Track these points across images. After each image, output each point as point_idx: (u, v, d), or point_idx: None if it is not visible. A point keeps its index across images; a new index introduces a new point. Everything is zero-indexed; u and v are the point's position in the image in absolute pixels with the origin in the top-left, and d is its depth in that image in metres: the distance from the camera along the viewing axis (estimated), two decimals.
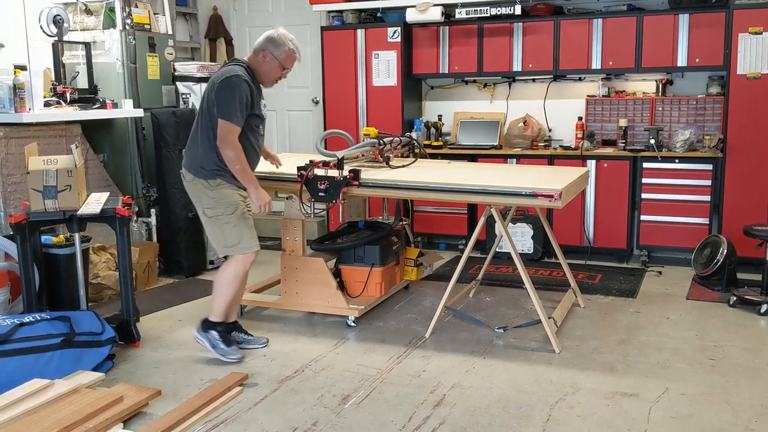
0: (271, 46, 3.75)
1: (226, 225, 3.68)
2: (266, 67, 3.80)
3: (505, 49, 5.87)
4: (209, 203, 3.68)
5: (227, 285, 3.74)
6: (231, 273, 3.73)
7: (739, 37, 5.11)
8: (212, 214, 3.69)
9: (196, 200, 3.74)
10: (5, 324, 3.38)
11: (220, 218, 3.67)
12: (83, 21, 5.47)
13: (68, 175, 3.84)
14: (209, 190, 3.67)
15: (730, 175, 5.24)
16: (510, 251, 3.95)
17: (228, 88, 3.55)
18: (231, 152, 3.57)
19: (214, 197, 3.67)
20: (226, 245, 3.71)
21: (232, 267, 3.73)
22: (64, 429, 2.79)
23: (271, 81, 3.91)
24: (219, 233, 3.70)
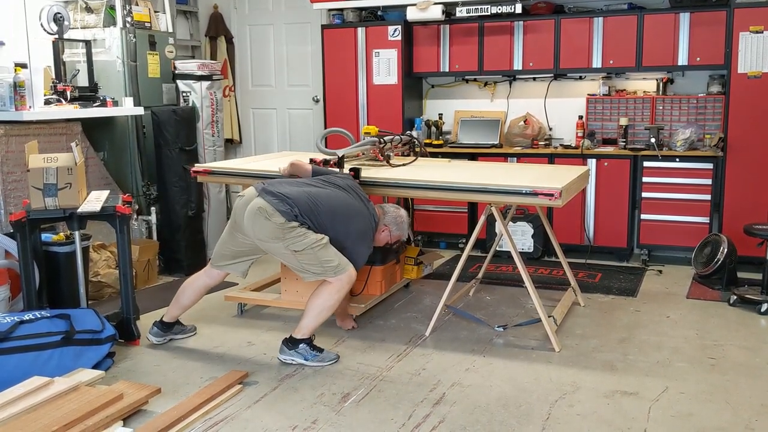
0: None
1: (318, 252, 3.62)
2: None
3: (505, 47, 5.86)
4: (298, 239, 3.63)
5: (328, 310, 3.70)
6: (333, 299, 3.67)
7: (739, 36, 5.10)
8: (305, 247, 3.63)
9: (285, 243, 3.64)
10: (5, 322, 3.38)
11: (312, 248, 3.62)
12: (84, 19, 5.47)
13: (68, 173, 3.83)
14: (296, 226, 3.64)
15: (731, 174, 5.24)
16: (510, 250, 3.96)
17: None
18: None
19: (299, 232, 3.64)
20: (325, 270, 3.64)
21: (335, 291, 3.66)
22: (64, 426, 2.79)
23: None
24: (315, 263, 3.64)
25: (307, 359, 3.65)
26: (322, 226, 3.63)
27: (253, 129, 7.26)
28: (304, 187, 3.72)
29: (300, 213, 3.58)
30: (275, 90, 7.12)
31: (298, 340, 3.67)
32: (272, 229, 3.57)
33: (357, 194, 3.82)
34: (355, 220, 3.73)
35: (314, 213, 3.61)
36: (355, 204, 3.77)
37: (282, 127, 7.14)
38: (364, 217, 3.78)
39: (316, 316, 3.65)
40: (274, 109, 7.14)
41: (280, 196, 3.60)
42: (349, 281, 3.65)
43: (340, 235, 3.66)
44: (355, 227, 3.71)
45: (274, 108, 7.15)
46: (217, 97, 5.74)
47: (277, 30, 6.99)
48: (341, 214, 3.68)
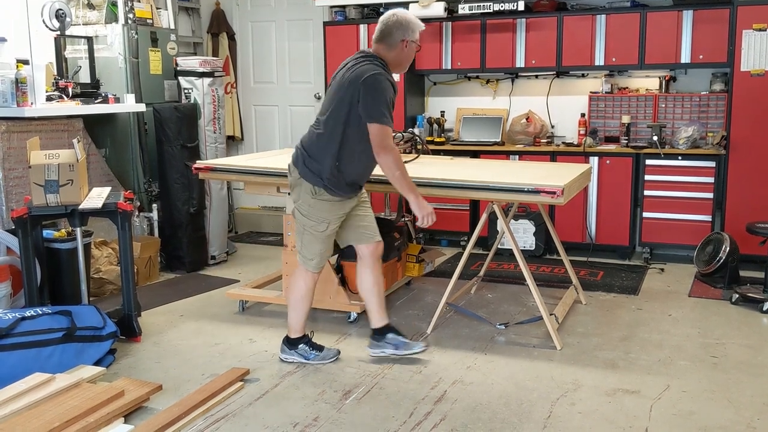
0: (408, 32, 3.44)
1: (308, 237, 3.52)
2: (407, 54, 3.50)
3: (508, 45, 5.85)
4: (305, 209, 3.48)
5: (301, 301, 3.61)
6: (302, 289, 3.60)
7: (743, 34, 5.09)
8: (302, 221, 3.51)
9: (296, 197, 3.52)
10: (7, 318, 3.38)
11: (306, 227, 3.50)
12: (85, 15, 5.46)
13: (70, 170, 3.83)
14: (310, 196, 3.44)
15: (733, 172, 5.23)
16: (512, 248, 3.95)
17: (375, 88, 3.28)
18: (390, 157, 3.31)
19: (312, 206, 3.45)
20: (301, 254, 3.57)
21: (302, 282, 3.60)
22: (65, 423, 2.79)
23: (405, 69, 3.62)
24: (299, 239, 3.56)
25: (308, 358, 3.63)
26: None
27: (255, 126, 7.25)
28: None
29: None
30: (277, 87, 7.12)
31: (295, 340, 3.66)
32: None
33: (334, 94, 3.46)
34: (357, 90, 3.31)
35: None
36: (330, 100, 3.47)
37: (284, 124, 7.13)
38: (357, 75, 3.33)
39: (294, 311, 3.63)
40: (276, 106, 7.13)
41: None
42: (312, 277, 3.59)
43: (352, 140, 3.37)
44: (361, 97, 3.29)
45: (275, 105, 7.14)
46: (219, 93, 5.74)
47: (279, 27, 6.99)
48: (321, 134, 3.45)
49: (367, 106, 3.27)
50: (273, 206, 7.00)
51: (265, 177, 4.30)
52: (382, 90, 3.29)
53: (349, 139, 3.36)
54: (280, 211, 5.54)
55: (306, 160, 3.44)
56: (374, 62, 3.38)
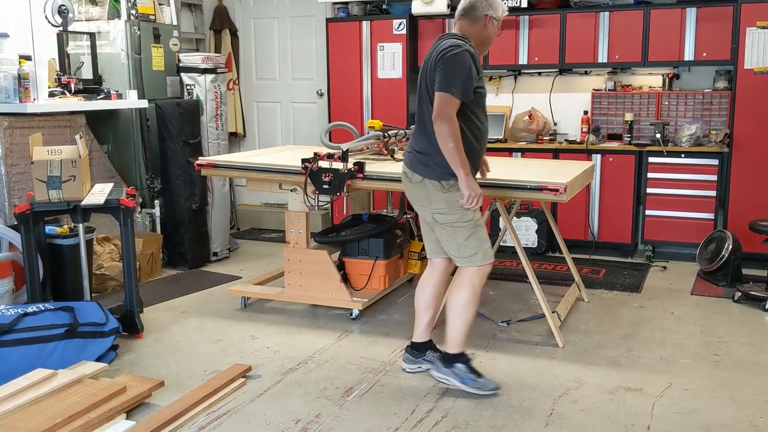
0: (492, 8, 3.23)
1: (461, 233, 3.19)
2: (489, 33, 3.27)
3: (510, 42, 5.84)
4: (441, 208, 3.19)
5: (466, 306, 3.23)
6: (468, 293, 3.22)
7: (746, 32, 5.08)
8: (445, 220, 3.20)
9: (426, 202, 3.23)
10: (9, 314, 3.38)
11: (454, 225, 3.19)
12: (88, 11, 5.46)
13: (72, 166, 3.83)
14: (442, 192, 3.17)
15: (736, 170, 5.21)
16: (514, 245, 3.95)
17: (449, 60, 3.06)
18: (446, 127, 3.03)
19: (447, 201, 3.17)
20: (461, 256, 3.23)
21: (467, 285, 3.23)
22: (67, 419, 2.79)
23: (488, 48, 3.40)
24: (453, 242, 3.21)
25: (464, 382, 3.23)
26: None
27: (257, 122, 7.25)
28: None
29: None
30: (279, 83, 7.11)
31: (454, 357, 3.27)
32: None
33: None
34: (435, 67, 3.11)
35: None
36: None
37: (286, 121, 7.13)
38: (436, 53, 3.13)
39: (456, 319, 3.25)
40: (278, 102, 7.13)
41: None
42: (479, 275, 3.24)
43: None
44: (436, 72, 3.10)
45: (278, 101, 7.14)
46: (222, 90, 5.73)
47: (282, 23, 6.98)
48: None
49: (441, 77, 3.07)
50: (275, 203, 7.00)
51: (268, 174, 4.30)
52: (459, 61, 3.05)
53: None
54: (282, 207, 5.53)
55: (421, 159, 3.20)
56: (455, 37, 3.18)
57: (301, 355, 3.70)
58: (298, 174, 4.10)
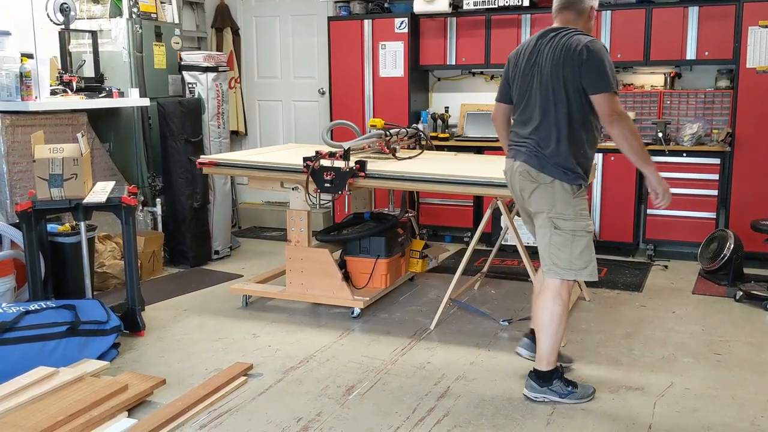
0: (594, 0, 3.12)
1: (580, 242, 3.03)
2: (592, 24, 3.16)
3: (512, 40, 5.82)
4: (568, 213, 3.01)
5: (560, 322, 3.08)
6: (561, 307, 3.07)
7: (748, 31, 5.07)
8: (569, 227, 3.02)
9: (545, 207, 3.05)
10: (11, 312, 3.38)
11: (576, 232, 3.02)
12: (90, 9, 5.46)
13: (74, 164, 3.84)
14: (571, 196, 3.00)
15: (738, 169, 5.21)
16: (516, 244, 3.95)
17: (596, 59, 2.90)
18: (624, 125, 2.88)
19: (575, 206, 3.02)
20: (571, 267, 3.04)
21: (558, 299, 3.07)
22: (69, 417, 2.79)
23: None
24: (568, 251, 3.03)
25: (562, 396, 3.11)
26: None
27: (259, 121, 7.25)
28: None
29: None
30: (281, 82, 7.11)
31: (549, 374, 3.12)
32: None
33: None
34: (574, 66, 2.93)
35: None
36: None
37: (288, 119, 7.13)
38: (568, 50, 2.95)
39: (549, 336, 3.10)
40: (280, 101, 7.13)
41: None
42: (569, 288, 3.12)
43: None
44: (583, 71, 2.92)
45: (279, 100, 7.14)
46: (223, 88, 5.73)
47: (284, 22, 6.98)
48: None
49: (595, 77, 2.90)
50: (276, 201, 7.00)
51: (269, 172, 4.30)
52: (604, 56, 2.93)
53: (572, 118, 2.99)
54: (284, 206, 5.53)
55: (552, 161, 3.00)
56: (576, 32, 3.00)
57: (303, 354, 3.70)
58: (300, 172, 4.10)
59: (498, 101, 3.35)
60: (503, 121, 3.36)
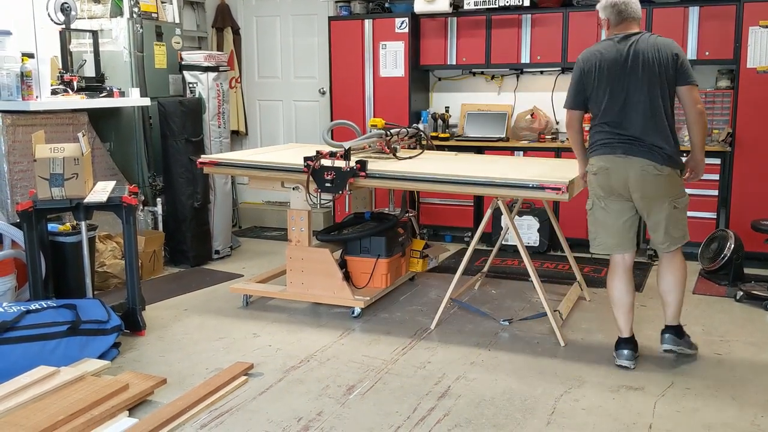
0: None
1: (685, 215, 3.50)
2: None
3: (513, 40, 5.84)
4: (681, 193, 3.45)
5: (685, 281, 3.58)
6: (685, 268, 3.56)
7: (749, 31, 5.07)
8: (682, 204, 3.46)
9: (668, 194, 3.40)
10: (12, 311, 3.39)
11: (683, 206, 3.48)
12: (90, 9, 5.47)
13: (75, 164, 3.84)
14: (679, 178, 3.45)
15: (739, 169, 5.21)
16: (516, 244, 3.95)
17: (683, 54, 3.42)
18: (705, 115, 3.45)
19: (681, 186, 3.47)
20: (684, 236, 3.49)
21: (683, 261, 3.55)
22: (69, 416, 2.80)
23: None
24: (682, 224, 3.48)
25: (692, 349, 3.63)
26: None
27: (260, 121, 7.26)
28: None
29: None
30: (281, 82, 7.12)
31: (681, 329, 3.62)
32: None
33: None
34: (673, 61, 3.38)
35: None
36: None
37: (288, 119, 7.14)
38: (664, 46, 3.40)
39: (681, 295, 3.57)
40: (281, 100, 7.14)
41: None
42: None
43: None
44: (681, 64, 3.38)
45: (280, 100, 7.14)
46: (224, 88, 5.74)
47: (284, 21, 6.98)
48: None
49: (687, 70, 3.36)
50: (277, 201, 7.00)
51: (270, 172, 4.31)
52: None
53: (669, 112, 3.43)
54: (284, 206, 5.53)
55: (664, 152, 3.36)
56: (651, 34, 3.50)
57: (303, 353, 3.71)
58: (301, 172, 4.10)
59: (572, 108, 3.59)
60: (579, 126, 3.63)
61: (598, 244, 3.61)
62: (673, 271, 3.54)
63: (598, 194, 3.50)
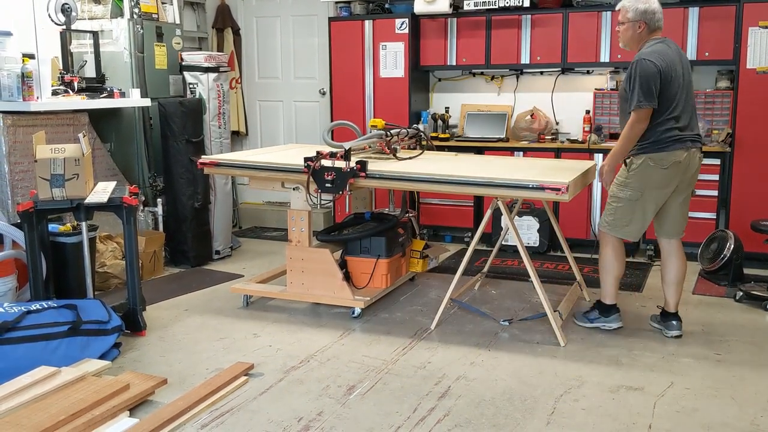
0: None
1: None
2: None
3: (513, 41, 5.84)
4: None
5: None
6: None
7: (749, 31, 5.08)
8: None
9: (694, 174, 3.83)
10: (13, 311, 3.39)
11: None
12: (91, 10, 5.47)
13: (76, 164, 3.84)
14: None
15: (738, 169, 5.22)
16: (516, 244, 3.95)
17: None
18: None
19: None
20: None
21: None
22: (70, 416, 2.80)
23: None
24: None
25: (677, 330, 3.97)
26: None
27: (260, 121, 7.26)
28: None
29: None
30: (282, 82, 7.12)
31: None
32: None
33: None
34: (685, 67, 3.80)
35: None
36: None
37: (288, 120, 7.14)
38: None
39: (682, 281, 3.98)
40: (281, 101, 7.14)
41: None
42: None
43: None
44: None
45: (280, 100, 7.15)
46: (224, 89, 5.74)
47: (284, 22, 6.99)
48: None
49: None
50: (277, 201, 7.01)
51: (270, 172, 4.31)
52: None
53: None
54: (284, 206, 5.54)
55: (702, 141, 3.89)
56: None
57: (303, 354, 3.71)
58: (301, 172, 4.11)
59: (652, 106, 3.62)
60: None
61: (627, 231, 3.85)
62: (683, 258, 3.93)
63: (652, 186, 3.74)
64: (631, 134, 3.65)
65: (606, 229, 3.91)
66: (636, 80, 3.57)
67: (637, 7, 3.69)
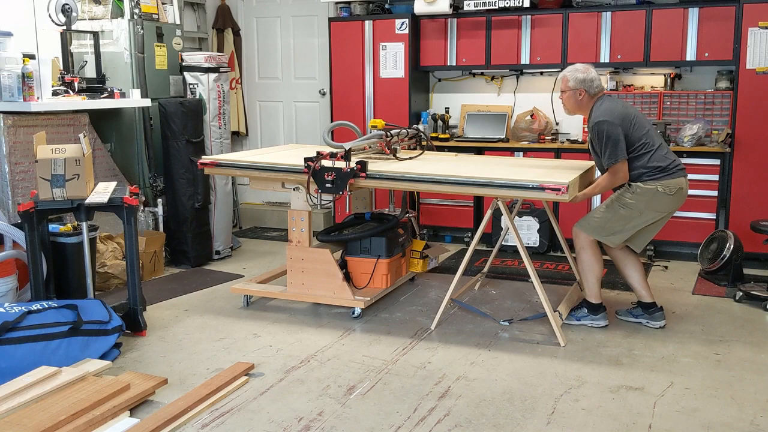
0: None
1: None
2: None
3: (513, 41, 5.85)
4: None
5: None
6: None
7: (748, 32, 5.08)
8: None
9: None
10: (13, 311, 3.39)
11: None
12: (91, 10, 5.48)
13: (76, 164, 3.85)
14: None
15: (738, 170, 5.22)
16: (516, 244, 3.95)
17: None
18: None
19: None
20: None
21: None
22: (71, 416, 2.80)
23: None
24: None
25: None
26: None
27: (260, 121, 7.27)
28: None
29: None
30: (282, 83, 7.13)
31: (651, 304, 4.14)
32: None
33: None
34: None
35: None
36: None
37: (288, 120, 7.15)
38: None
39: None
40: (281, 101, 7.15)
41: None
42: None
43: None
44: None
45: (280, 101, 7.15)
46: (224, 89, 5.75)
47: (284, 22, 6.99)
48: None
49: None
50: (277, 201, 7.02)
51: (270, 172, 4.31)
52: None
53: None
54: (285, 206, 5.55)
55: None
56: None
57: (304, 354, 3.72)
58: (301, 173, 4.11)
59: (624, 159, 3.85)
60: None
61: (611, 239, 3.96)
62: (637, 265, 4.14)
63: (654, 209, 3.89)
64: (615, 180, 3.89)
65: (588, 231, 4.00)
66: (605, 141, 3.80)
67: (576, 76, 3.93)
